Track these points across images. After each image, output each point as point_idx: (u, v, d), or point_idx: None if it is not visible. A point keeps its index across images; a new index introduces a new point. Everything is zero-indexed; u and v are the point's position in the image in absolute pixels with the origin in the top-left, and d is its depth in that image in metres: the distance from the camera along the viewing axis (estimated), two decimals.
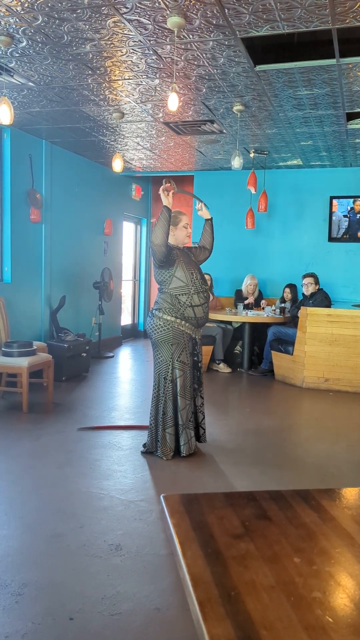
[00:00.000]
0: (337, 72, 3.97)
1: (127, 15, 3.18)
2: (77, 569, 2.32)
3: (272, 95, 4.52)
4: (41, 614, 2.01)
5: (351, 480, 3.46)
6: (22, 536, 2.59)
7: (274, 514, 1.18)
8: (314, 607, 0.87)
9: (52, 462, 3.58)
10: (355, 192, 7.26)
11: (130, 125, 5.64)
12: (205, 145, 6.41)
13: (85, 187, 7.38)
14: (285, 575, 0.95)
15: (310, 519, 1.16)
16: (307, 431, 4.60)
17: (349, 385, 5.88)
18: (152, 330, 3.70)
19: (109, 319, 8.24)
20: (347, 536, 1.09)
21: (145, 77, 4.19)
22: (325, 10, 3.06)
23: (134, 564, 2.37)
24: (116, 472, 3.44)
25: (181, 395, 3.67)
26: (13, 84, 4.44)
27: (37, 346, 5.17)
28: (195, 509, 1.18)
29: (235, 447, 4.03)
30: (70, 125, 5.69)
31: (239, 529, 1.10)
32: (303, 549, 1.04)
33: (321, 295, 6.39)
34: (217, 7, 3.05)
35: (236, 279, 7.66)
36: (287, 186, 7.59)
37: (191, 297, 3.67)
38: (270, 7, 3.03)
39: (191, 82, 4.26)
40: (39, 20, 3.28)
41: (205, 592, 0.88)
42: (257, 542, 1.06)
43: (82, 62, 3.93)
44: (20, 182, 5.98)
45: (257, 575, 0.94)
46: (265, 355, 6.65)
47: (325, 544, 1.06)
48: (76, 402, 5.11)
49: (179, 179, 9.05)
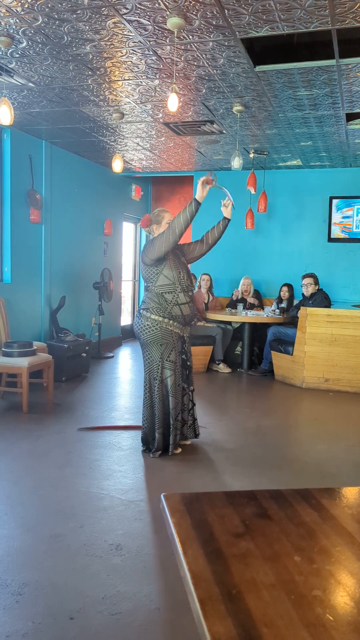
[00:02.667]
0: (337, 73, 3.98)
1: (127, 16, 3.18)
2: (77, 568, 2.32)
3: (271, 95, 4.52)
4: (41, 614, 2.01)
5: (351, 480, 3.47)
6: (22, 536, 2.59)
7: (274, 512, 1.18)
8: (314, 605, 0.87)
9: (52, 462, 3.59)
10: (355, 193, 7.27)
11: (130, 125, 5.64)
12: (205, 145, 6.41)
13: (85, 187, 7.38)
14: (285, 574, 0.95)
15: (310, 518, 1.16)
16: (306, 431, 4.60)
17: (348, 385, 5.89)
18: (140, 331, 3.70)
19: (109, 319, 8.24)
20: (347, 535, 1.10)
21: (145, 78, 4.20)
22: (325, 11, 3.07)
23: (134, 563, 2.37)
24: (116, 472, 3.45)
25: (172, 394, 3.69)
26: (13, 84, 4.45)
27: (37, 346, 5.17)
28: (195, 508, 1.18)
29: (235, 447, 4.03)
30: (70, 125, 5.69)
31: (239, 527, 1.11)
32: (303, 547, 1.04)
33: (321, 296, 6.39)
34: (216, 8, 3.05)
35: (235, 279, 7.67)
36: (287, 186, 7.60)
37: (177, 295, 3.67)
38: (270, 7, 3.03)
39: (191, 82, 4.26)
40: (39, 21, 3.28)
41: (206, 590, 0.89)
42: (258, 540, 1.06)
43: (82, 63, 3.94)
44: (20, 183, 5.98)
45: (258, 573, 0.95)
46: (265, 356, 6.65)
47: (325, 543, 1.06)
48: (76, 402, 5.12)
49: (178, 179, 9.07)
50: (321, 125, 5.38)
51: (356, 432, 4.56)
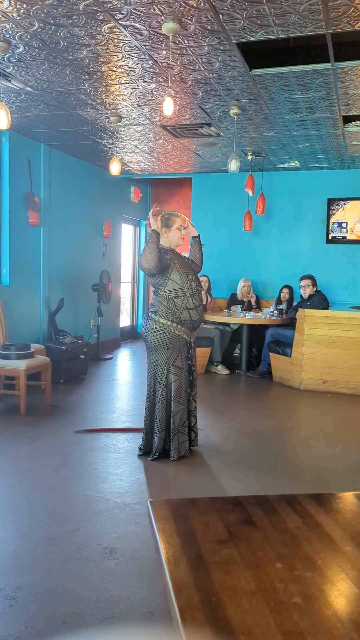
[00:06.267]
0: (333, 76, 3.99)
1: (122, 21, 3.20)
2: (71, 572, 2.33)
3: (268, 98, 4.54)
4: (34, 618, 2.02)
5: (346, 483, 3.48)
6: (17, 540, 2.60)
7: (259, 519, 1.19)
8: (293, 612, 0.88)
9: (48, 464, 3.60)
10: (353, 194, 7.28)
11: (128, 128, 5.66)
12: (202, 148, 6.43)
13: (84, 189, 7.40)
14: (266, 581, 0.96)
15: (294, 524, 1.17)
16: (303, 433, 4.61)
17: (346, 387, 5.89)
18: (148, 334, 3.70)
19: (108, 320, 8.25)
20: (330, 542, 1.11)
21: (142, 82, 4.21)
22: (319, 15, 3.08)
23: (128, 567, 2.38)
24: (112, 474, 3.46)
25: (175, 399, 3.68)
26: (11, 88, 4.46)
27: (35, 349, 5.18)
28: (181, 514, 1.19)
29: (231, 450, 4.04)
30: (68, 128, 5.71)
31: (223, 534, 1.12)
32: (286, 554, 1.06)
33: (319, 297, 6.40)
34: (211, 13, 3.07)
35: (233, 280, 7.68)
36: (285, 188, 7.61)
37: (186, 299, 3.67)
38: (264, 12, 3.04)
39: (187, 86, 4.28)
40: (35, 26, 3.30)
41: (187, 597, 0.90)
42: (241, 547, 1.07)
43: (79, 67, 3.95)
44: (18, 186, 6.00)
45: (239, 580, 0.96)
46: (263, 357, 6.66)
47: (308, 550, 1.07)
48: (74, 405, 5.13)
49: (176, 181, 9.09)
50: (318, 127, 5.39)
51: (353, 433, 4.56)
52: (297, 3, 2.94)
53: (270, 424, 4.76)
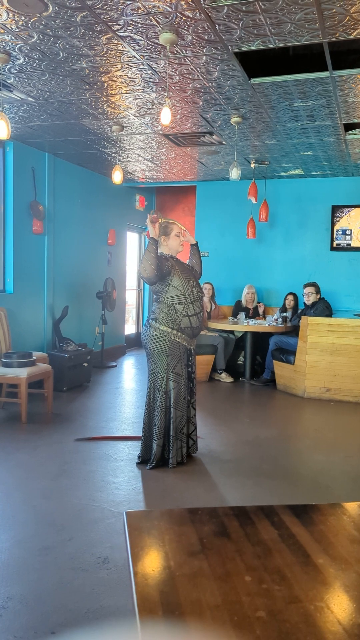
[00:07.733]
0: (332, 85, 3.99)
1: (119, 32, 3.23)
2: (62, 582, 2.32)
3: (268, 107, 4.55)
4: (23, 628, 2.02)
5: (345, 492, 3.44)
6: (10, 549, 2.60)
7: (234, 530, 1.18)
8: (255, 627, 0.87)
9: (47, 473, 3.60)
10: (357, 202, 7.25)
11: (131, 137, 5.70)
12: (205, 156, 6.45)
13: (88, 198, 7.45)
14: (232, 594, 0.95)
15: (269, 536, 1.16)
16: (305, 442, 4.57)
17: (350, 395, 5.85)
18: (148, 341, 3.71)
19: (113, 328, 8.27)
20: (303, 554, 1.09)
21: (142, 91, 4.24)
22: (315, 24, 3.08)
23: (119, 577, 2.37)
24: (110, 483, 3.45)
25: (174, 407, 3.67)
26: (13, 99, 4.52)
27: (38, 356, 5.20)
28: (155, 525, 1.19)
29: (231, 458, 4.01)
30: (72, 138, 5.76)
31: (195, 546, 1.11)
32: (256, 567, 1.04)
33: (322, 305, 6.37)
34: (207, 23, 3.09)
35: (237, 288, 7.67)
36: (289, 196, 7.60)
37: (188, 306, 3.68)
38: (260, 22, 3.06)
39: (187, 95, 4.30)
40: (34, 37, 3.34)
41: (149, 612, 0.89)
42: (212, 559, 1.06)
43: (79, 78, 3.99)
44: (22, 194, 6.05)
45: (205, 594, 0.95)
46: (266, 365, 6.63)
47: (279, 562, 1.06)
48: (75, 413, 5.14)
49: (181, 189, 9.12)
50: (320, 135, 5.39)
51: (355, 442, 4.52)
52: (292, 12, 2.95)
53: (271, 432, 4.73)
